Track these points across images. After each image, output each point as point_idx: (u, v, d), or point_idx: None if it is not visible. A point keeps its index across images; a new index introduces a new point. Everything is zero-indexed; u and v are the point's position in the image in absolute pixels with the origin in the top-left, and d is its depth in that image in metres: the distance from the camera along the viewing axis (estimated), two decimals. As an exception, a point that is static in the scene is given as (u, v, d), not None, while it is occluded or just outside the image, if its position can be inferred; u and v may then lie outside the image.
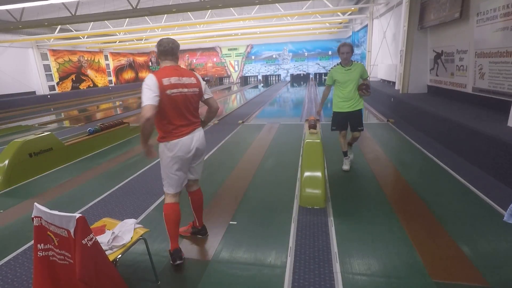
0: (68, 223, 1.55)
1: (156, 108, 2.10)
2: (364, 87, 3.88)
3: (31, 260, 2.47)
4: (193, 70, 8.04)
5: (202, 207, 2.73)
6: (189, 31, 16.89)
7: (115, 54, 24.76)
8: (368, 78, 4.02)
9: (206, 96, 2.43)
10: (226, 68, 26.58)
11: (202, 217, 2.76)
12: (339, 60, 3.97)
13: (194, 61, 26.94)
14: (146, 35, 18.00)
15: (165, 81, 2.15)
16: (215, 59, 26.61)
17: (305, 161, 3.72)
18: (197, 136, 2.36)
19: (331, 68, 4.05)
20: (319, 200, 3.23)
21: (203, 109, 2.46)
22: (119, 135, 6.83)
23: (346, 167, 4.23)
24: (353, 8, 12.64)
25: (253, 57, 25.91)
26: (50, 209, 1.63)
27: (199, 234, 2.76)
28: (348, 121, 4.08)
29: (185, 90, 2.24)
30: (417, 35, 8.28)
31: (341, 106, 4.02)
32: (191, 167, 2.47)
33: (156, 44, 2.32)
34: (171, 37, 2.39)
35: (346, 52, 3.83)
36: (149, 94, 2.08)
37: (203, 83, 2.40)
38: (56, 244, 1.67)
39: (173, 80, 2.19)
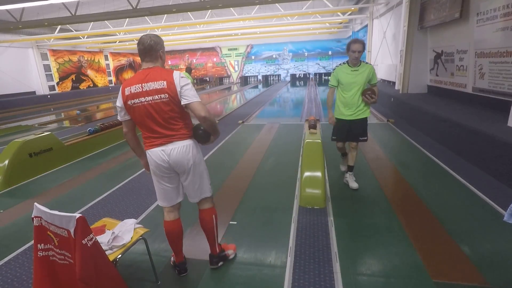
0: (68, 223, 1.55)
1: (127, 122, 2.06)
2: (369, 93, 3.33)
3: (31, 260, 2.47)
4: (191, 69, 7.58)
5: (210, 232, 2.28)
6: (189, 31, 16.88)
7: (115, 54, 24.75)
8: (376, 83, 3.48)
9: (184, 101, 1.91)
10: (226, 68, 26.59)
11: (213, 245, 2.31)
12: (342, 59, 3.81)
13: (194, 61, 26.93)
14: (146, 35, 17.96)
15: (127, 91, 1.93)
16: (215, 59, 26.61)
17: (305, 161, 3.72)
18: (170, 150, 1.98)
19: (336, 66, 3.53)
20: (319, 200, 3.23)
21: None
22: (119, 135, 6.82)
23: (344, 167, 3.99)
24: (353, 8, 12.64)
25: (253, 57, 25.91)
26: (50, 209, 1.63)
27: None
28: (349, 131, 3.55)
29: (148, 98, 1.90)
30: (417, 35, 8.28)
31: (342, 113, 3.51)
32: (182, 184, 2.15)
33: None
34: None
35: (358, 50, 3.26)
36: (118, 109, 2.05)
37: (180, 85, 1.90)
38: (56, 244, 1.67)
39: (134, 88, 1.91)
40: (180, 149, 2.00)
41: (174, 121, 1.97)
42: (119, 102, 2.01)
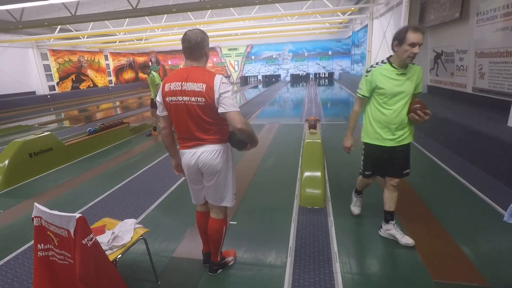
0: (68, 223, 1.55)
1: (165, 118, 2.05)
2: (418, 106, 2.27)
3: (31, 260, 2.47)
4: (147, 66, 6.83)
5: (216, 242, 2.20)
6: (189, 31, 16.85)
7: (115, 54, 24.76)
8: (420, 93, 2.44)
9: (221, 109, 1.84)
10: (226, 68, 26.58)
11: (215, 253, 2.25)
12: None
13: (194, 61, 26.89)
14: (146, 35, 17.99)
15: (166, 87, 1.92)
16: (215, 59, 26.59)
17: (305, 161, 3.73)
18: (199, 154, 1.96)
19: (372, 67, 2.37)
20: (319, 200, 3.23)
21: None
22: (119, 135, 6.83)
23: (356, 210, 2.97)
24: (353, 8, 12.64)
25: (253, 57, 25.91)
26: (50, 209, 1.63)
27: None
28: (387, 161, 2.47)
29: (185, 98, 1.86)
30: (417, 35, 8.27)
31: (380, 136, 2.39)
32: (204, 185, 2.11)
33: None
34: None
35: (420, 43, 2.12)
36: (157, 103, 2.04)
37: (219, 91, 1.82)
38: (56, 244, 1.67)
39: (173, 86, 1.89)
40: (209, 153, 1.96)
41: (207, 125, 1.92)
42: (159, 97, 2.00)
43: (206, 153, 1.96)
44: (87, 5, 12.17)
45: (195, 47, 1.91)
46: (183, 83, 1.87)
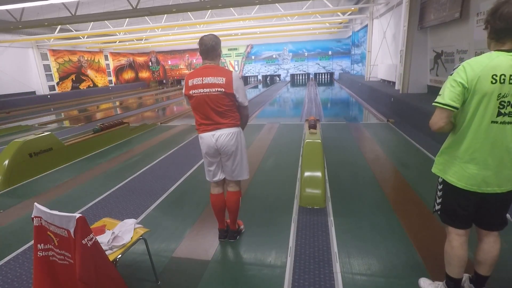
0: (68, 223, 1.55)
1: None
2: None
3: (31, 260, 2.47)
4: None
5: (234, 211, 2.63)
6: (189, 31, 16.88)
7: (115, 54, 24.75)
8: None
9: (238, 98, 2.35)
10: (226, 68, 26.56)
11: (233, 222, 2.68)
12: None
13: (194, 61, 26.92)
14: (146, 35, 17.99)
15: (190, 82, 2.33)
16: (215, 59, 26.57)
17: (305, 161, 3.73)
18: (219, 136, 2.35)
19: (465, 62, 1.55)
20: (319, 200, 3.23)
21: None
22: (119, 135, 6.83)
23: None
24: (353, 8, 12.64)
25: (253, 57, 25.90)
26: (50, 209, 1.63)
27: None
28: (481, 209, 1.82)
29: (207, 90, 2.27)
30: (417, 35, 8.29)
31: (476, 176, 1.64)
32: (223, 164, 2.50)
33: None
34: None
35: None
36: (184, 96, 2.44)
37: (236, 84, 2.30)
38: (56, 244, 1.67)
39: (196, 81, 2.30)
40: (227, 135, 2.36)
41: (224, 111, 2.34)
42: (184, 92, 2.42)
43: (224, 136, 2.36)
44: (87, 5, 12.17)
45: (211, 49, 2.32)
46: (204, 78, 2.29)
